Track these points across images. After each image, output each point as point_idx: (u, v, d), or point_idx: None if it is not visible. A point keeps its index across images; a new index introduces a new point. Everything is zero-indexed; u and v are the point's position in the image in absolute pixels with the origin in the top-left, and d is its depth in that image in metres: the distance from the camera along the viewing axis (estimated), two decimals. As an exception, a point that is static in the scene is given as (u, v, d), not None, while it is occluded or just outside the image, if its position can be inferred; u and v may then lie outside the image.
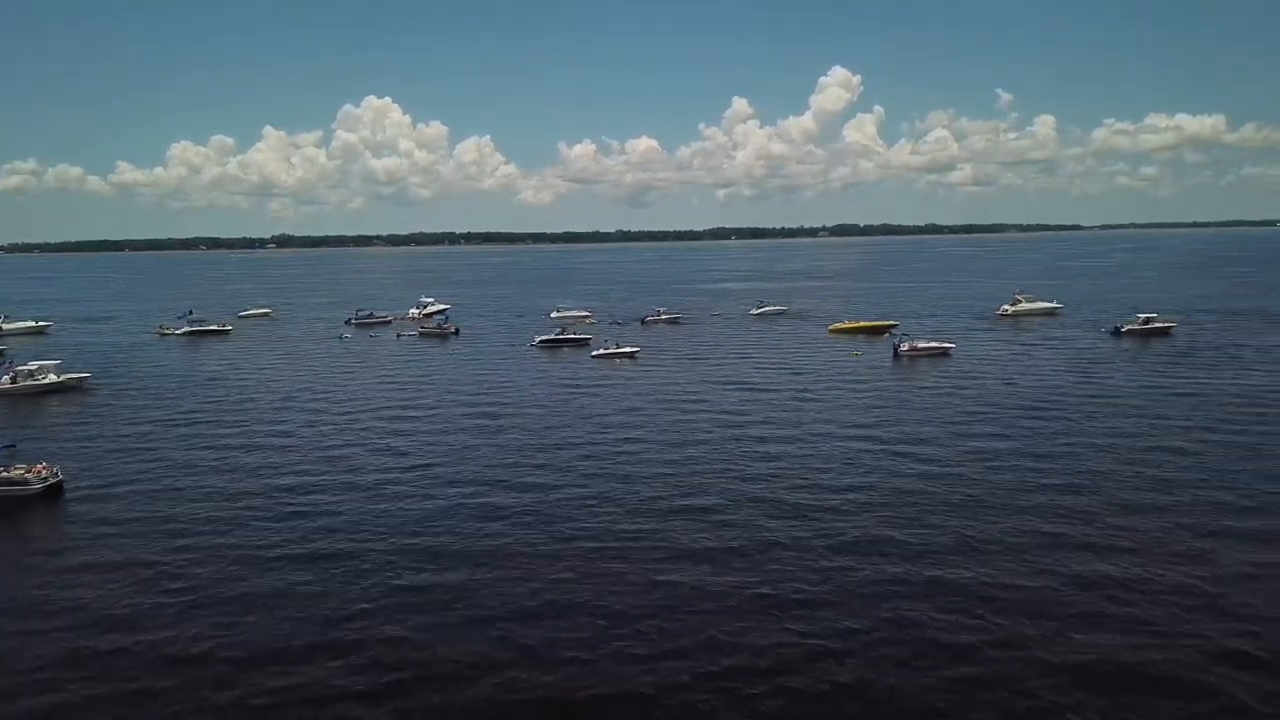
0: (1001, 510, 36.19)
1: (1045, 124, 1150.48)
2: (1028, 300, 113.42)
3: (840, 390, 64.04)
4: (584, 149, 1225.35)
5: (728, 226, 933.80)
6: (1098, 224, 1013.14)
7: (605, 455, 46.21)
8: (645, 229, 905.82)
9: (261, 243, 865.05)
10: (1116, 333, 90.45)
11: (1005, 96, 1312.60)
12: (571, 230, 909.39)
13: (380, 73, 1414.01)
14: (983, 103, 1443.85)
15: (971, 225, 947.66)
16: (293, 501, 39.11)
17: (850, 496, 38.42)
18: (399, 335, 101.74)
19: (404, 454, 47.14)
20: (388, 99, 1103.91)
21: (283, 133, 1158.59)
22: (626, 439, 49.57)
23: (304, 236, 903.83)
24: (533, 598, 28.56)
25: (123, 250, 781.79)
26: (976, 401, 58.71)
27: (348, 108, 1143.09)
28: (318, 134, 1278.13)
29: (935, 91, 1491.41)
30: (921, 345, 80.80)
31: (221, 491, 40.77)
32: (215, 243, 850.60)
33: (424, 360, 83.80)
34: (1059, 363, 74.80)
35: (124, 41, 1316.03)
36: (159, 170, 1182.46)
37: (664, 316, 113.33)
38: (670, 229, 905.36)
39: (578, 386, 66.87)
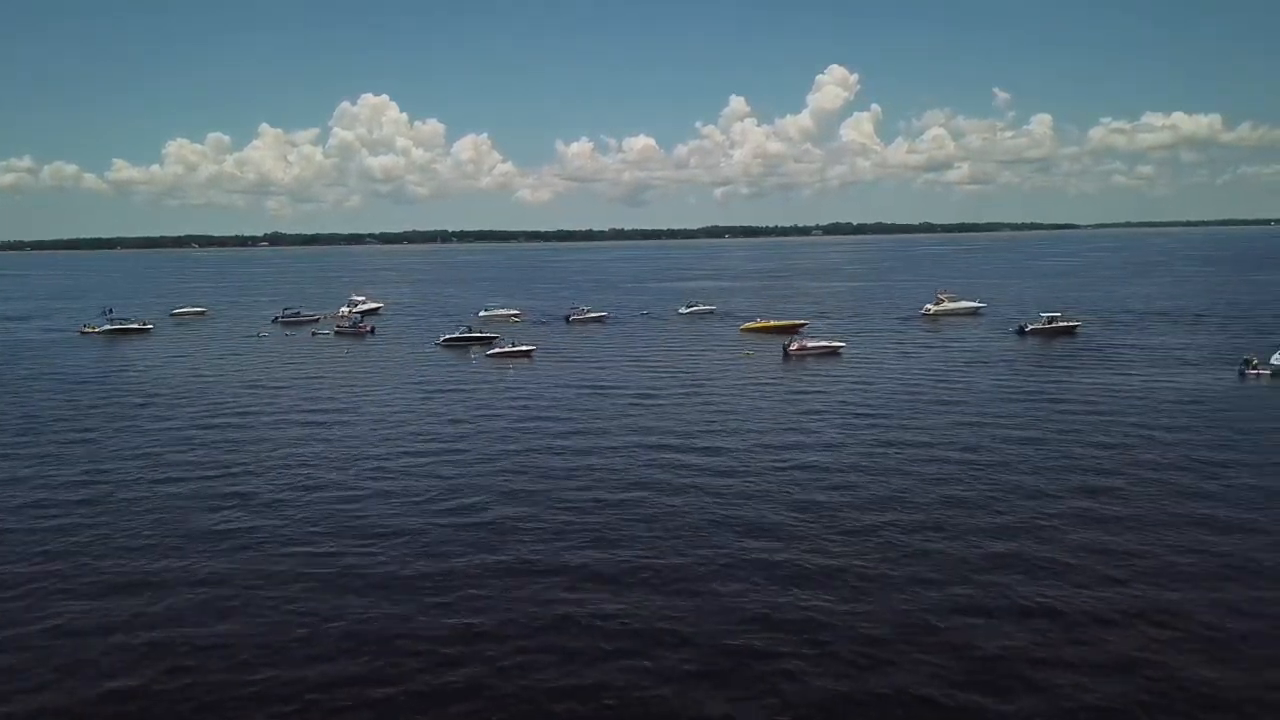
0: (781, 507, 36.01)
1: (1042, 123, 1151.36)
2: (950, 299, 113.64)
3: (716, 389, 63.22)
4: (582, 147, 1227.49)
5: (721, 225, 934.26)
6: (1093, 223, 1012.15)
7: (432, 454, 45.58)
8: (639, 228, 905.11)
9: (254, 241, 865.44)
10: (1021, 332, 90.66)
11: (1002, 95, 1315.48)
12: (565, 229, 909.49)
13: (378, 71, 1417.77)
14: (980, 101, 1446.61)
15: (965, 224, 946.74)
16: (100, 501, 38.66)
17: (673, 499, 37.73)
18: (314, 334, 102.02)
19: (225, 450, 46.84)
20: (385, 96, 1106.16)
21: (279, 130, 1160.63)
22: (460, 439, 48.94)
23: (296, 234, 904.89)
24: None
25: (115, 248, 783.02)
26: (831, 400, 58.43)
27: (345, 105, 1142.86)
28: (314, 132, 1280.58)
29: (933, 90, 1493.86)
30: (811, 345, 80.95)
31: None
32: (208, 241, 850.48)
33: (322, 359, 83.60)
34: (942, 362, 74.84)
35: (120, 39, 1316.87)
36: (155, 168, 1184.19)
37: (589, 314, 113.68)
38: (664, 228, 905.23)
39: (442, 388, 66.35)
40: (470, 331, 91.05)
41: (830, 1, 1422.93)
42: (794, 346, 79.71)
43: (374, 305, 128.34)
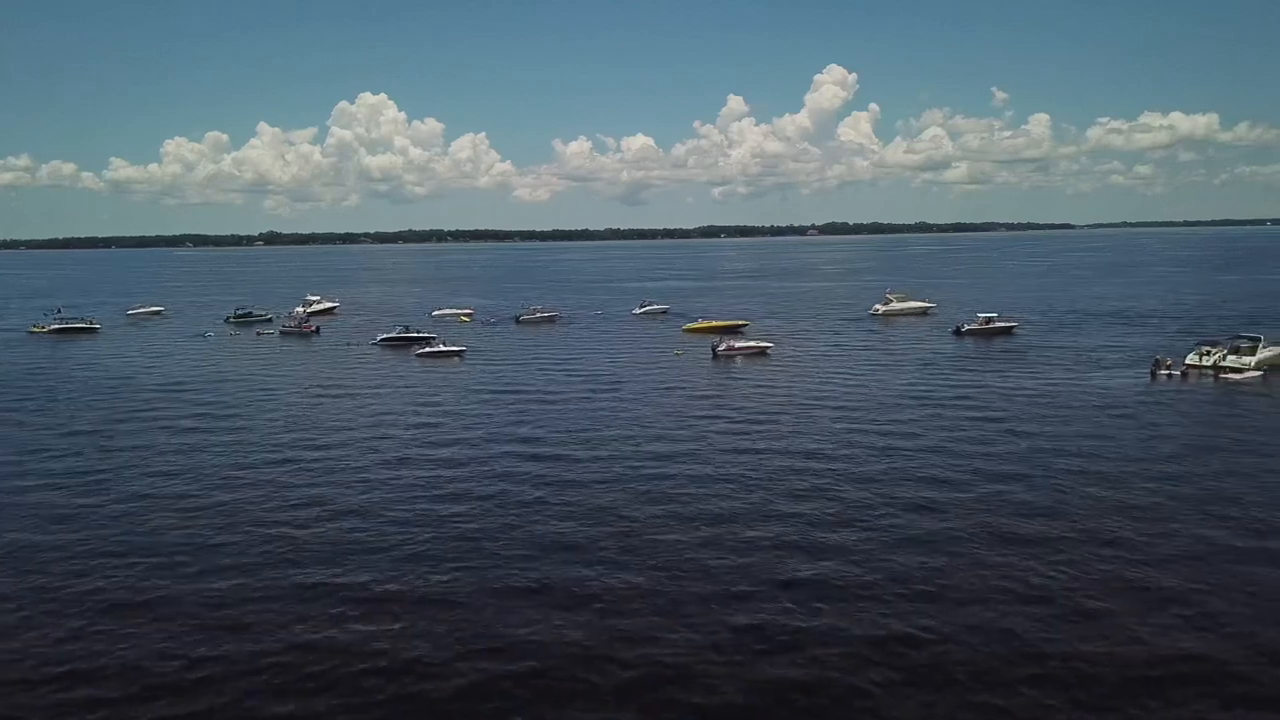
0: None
1: (1040, 122, 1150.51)
2: (899, 299, 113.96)
3: (626, 392, 62.83)
4: (580, 146, 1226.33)
5: (717, 225, 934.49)
6: (1089, 223, 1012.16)
7: (301, 460, 45.42)
8: (635, 227, 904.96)
9: (249, 240, 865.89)
10: (958, 332, 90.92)
11: (1000, 95, 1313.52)
12: (560, 228, 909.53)
13: (377, 70, 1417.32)
14: (978, 101, 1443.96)
15: (961, 224, 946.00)
16: None
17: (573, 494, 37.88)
18: (259, 334, 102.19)
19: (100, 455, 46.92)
20: (383, 95, 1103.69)
21: (278, 129, 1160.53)
22: (337, 444, 49.12)
23: (292, 234, 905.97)
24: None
25: (110, 247, 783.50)
26: (729, 404, 58.37)
27: (343, 104, 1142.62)
28: (312, 131, 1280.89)
29: (931, 90, 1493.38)
30: (739, 345, 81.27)
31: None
32: (202, 240, 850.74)
33: (252, 359, 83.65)
34: (865, 363, 75.02)
35: (119, 38, 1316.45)
36: (154, 167, 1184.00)
37: (539, 314, 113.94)
38: (660, 227, 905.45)
39: (351, 389, 65.98)
40: (408, 331, 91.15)
41: (829, 1, 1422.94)
42: (722, 347, 79.96)
43: (329, 305, 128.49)
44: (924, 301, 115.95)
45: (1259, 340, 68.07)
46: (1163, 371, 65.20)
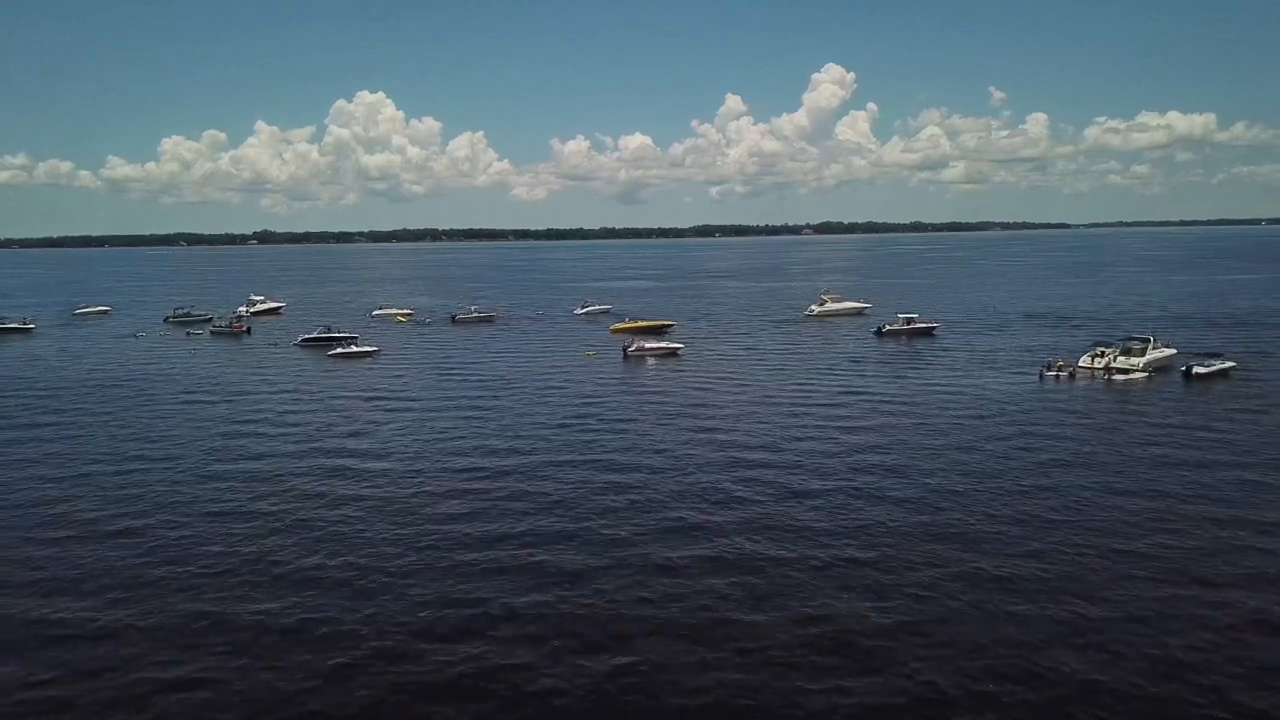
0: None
1: (1037, 121, 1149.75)
2: (834, 300, 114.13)
3: (517, 396, 62.58)
4: (578, 145, 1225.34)
5: (712, 224, 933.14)
6: (1085, 222, 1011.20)
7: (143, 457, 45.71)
8: (630, 226, 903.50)
9: (243, 239, 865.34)
10: (879, 333, 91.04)
11: (998, 94, 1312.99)
12: (555, 227, 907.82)
13: (375, 68, 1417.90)
14: (976, 100, 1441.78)
15: (956, 224, 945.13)
16: None
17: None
18: (189, 334, 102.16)
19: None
20: (381, 94, 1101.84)
21: (275, 128, 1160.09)
22: (188, 441, 49.54)
23: (286, 232, 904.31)
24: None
25: (103, 246, 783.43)
26: (613, 406, 58.64)
27: (341, 103, 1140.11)
28: (310, 129, 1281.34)
29: (929, 89, 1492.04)
30: (649, 346, 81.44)
31: None
32: (196, 239, 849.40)
33: (173, 359, 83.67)
34: (771, 365, 75.02)
35: (117, 36, 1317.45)
36: (151, 165, 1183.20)
37: (475, 315, 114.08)
38: (655, 226, 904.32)
39: (249, 389, 66.42)
40: (329, 331, 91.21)
41: (828, 0, 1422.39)
42: (633, 348, 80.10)
43: (274, 305, 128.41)
44: (859, 302, 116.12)
45: (1149, 341, 68.33)
46: (1051, 373, 65.36)
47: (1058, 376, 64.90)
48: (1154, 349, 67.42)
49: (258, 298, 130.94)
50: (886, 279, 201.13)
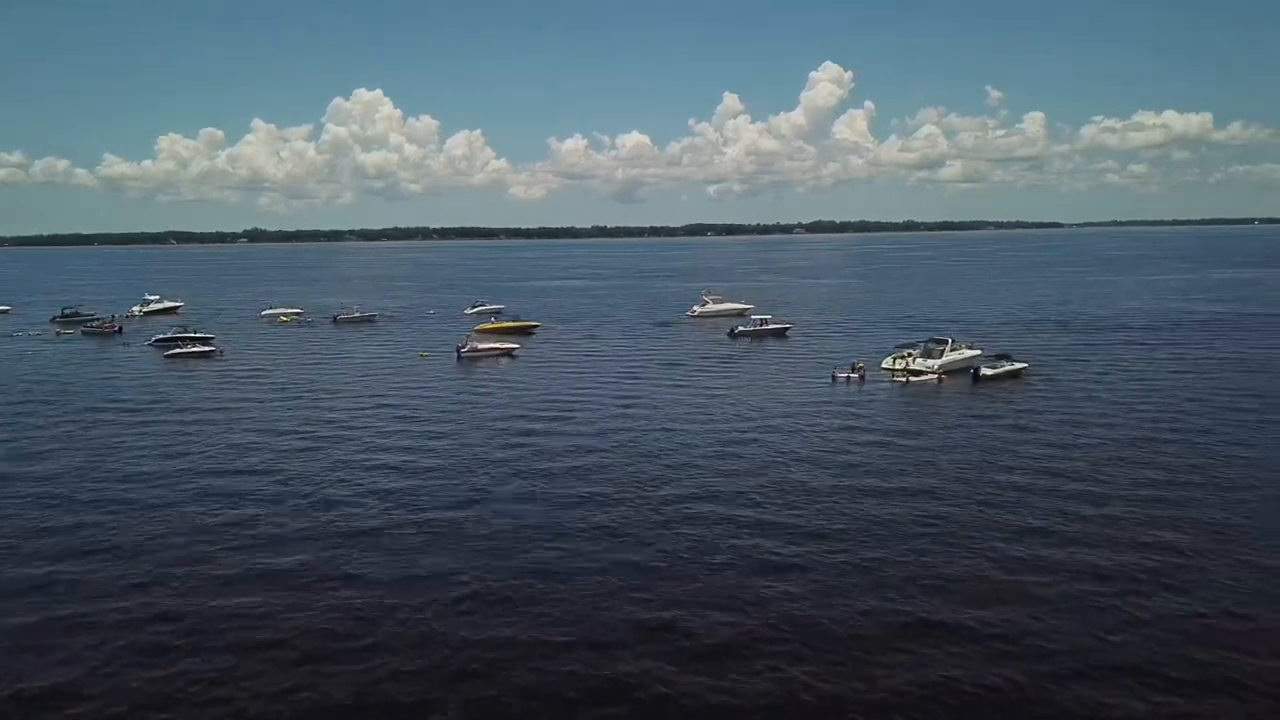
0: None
1: (1035, 121, 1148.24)
2: (715, 301, 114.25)
3: (317, 398, 61.92)
4: (575, 144, 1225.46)
5: (704, 223, 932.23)
6: (1080, 221, 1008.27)
7: None
8: (623, 225, 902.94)
9: (233, 237, 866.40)
10: (732, 334, 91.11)
11: (995, 93, 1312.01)
12: (546, 226, 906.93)
13: (373, 66, 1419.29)
14: (974, 99, 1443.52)
15: (950, 223, 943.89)
16: None
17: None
18: (58, 334, 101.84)
19: None
20: (379, 91, 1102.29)
21: (273, 126, 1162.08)
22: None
23: (277, 231, 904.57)
24: None
25: (93, 244, 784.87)
26: (404, 410, 57.60)
27: (338, 101, 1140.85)
28: (308, 128, 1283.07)
29: (926, 88, 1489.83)
30: (482, 346, 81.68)
31: None
32: (187, 237, 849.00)
33: (21, 358, 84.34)
34: (609, 366, 75.03)
35: (115, 34, 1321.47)
36: (148, 163, 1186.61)
37: (357, 315, 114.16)
38: (647, 225, 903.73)
39: (69, 387, 66.93)
40: (185, 331, 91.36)
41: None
42: (465, 348, 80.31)
43: (171, 305, 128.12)
44: (741, 303, 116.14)
45: (948, 343, 68.41)
46: (842, 375, 65.37)
47: (848, 379, 64.90)
48: (953, 350, 67.41)
49: (152, 297, 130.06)
50: (819, 279, 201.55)
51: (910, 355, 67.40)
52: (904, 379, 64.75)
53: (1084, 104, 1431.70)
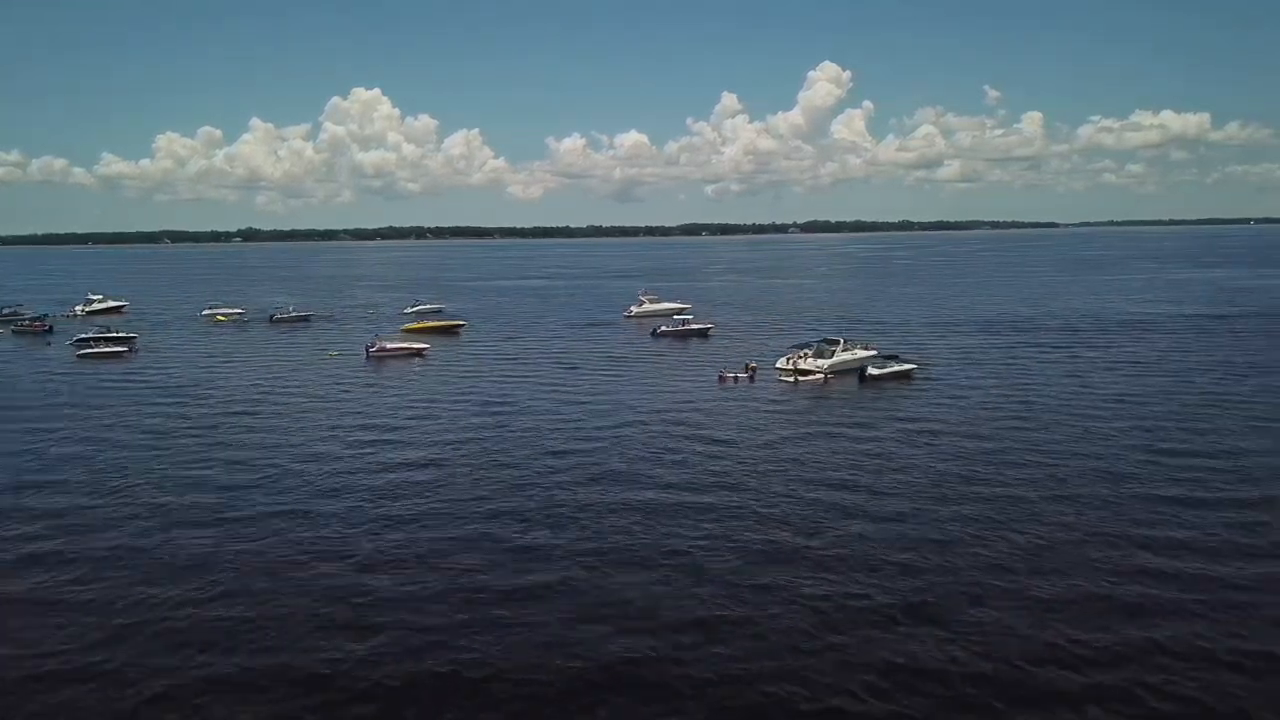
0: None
1: (1033, 120, 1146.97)
2: (652, 301, 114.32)
3: (215, 397, 62.01)
4: (573, 143, 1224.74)
5: (699, 223, 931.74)
6: (1076, 221, 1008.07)
7: None
8: (619, 224, 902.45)
9: (228, 236, 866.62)
10: (655, 333, 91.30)
11: (993, 93, 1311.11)
12: (542, 225, 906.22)
13: (371, 65, 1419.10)
14: (972, 99, 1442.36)
15: (945, 222, 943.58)
16: None
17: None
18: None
19: None
20: (377, 90, 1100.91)
21: (271, 125, 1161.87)
22: None
23: (272, 230, 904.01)
24: None
25: (87, 244, 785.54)
26: (359, 405, 58.43)
27: (336, 100, 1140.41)
28: (306, 127, 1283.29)
29: (925, 88, 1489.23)
30: (391, 346, 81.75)
31: None
32: (181, 236, 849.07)
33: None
34: (521, 366, 74.96)
35: (113, 33, 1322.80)
36: (145, 162, 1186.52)
37: (293, 314, 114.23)
38: (643, 225, 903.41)
39: None
40: (107, 332, 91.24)
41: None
42: (374, 348, 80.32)
43: (115, 304, 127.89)
44: (677, 304, 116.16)
45: (839, 343, 68.48)
46: (731, 375, 65.44)
47: (736, 379, 64.96)
48: (844, 351, 67.47)
49: (95, 297, 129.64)
50: (779, 279, 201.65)
51: (804, 355, 67.52)
52: (793, 379, 64.82)
53: (1082, 104, 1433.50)
